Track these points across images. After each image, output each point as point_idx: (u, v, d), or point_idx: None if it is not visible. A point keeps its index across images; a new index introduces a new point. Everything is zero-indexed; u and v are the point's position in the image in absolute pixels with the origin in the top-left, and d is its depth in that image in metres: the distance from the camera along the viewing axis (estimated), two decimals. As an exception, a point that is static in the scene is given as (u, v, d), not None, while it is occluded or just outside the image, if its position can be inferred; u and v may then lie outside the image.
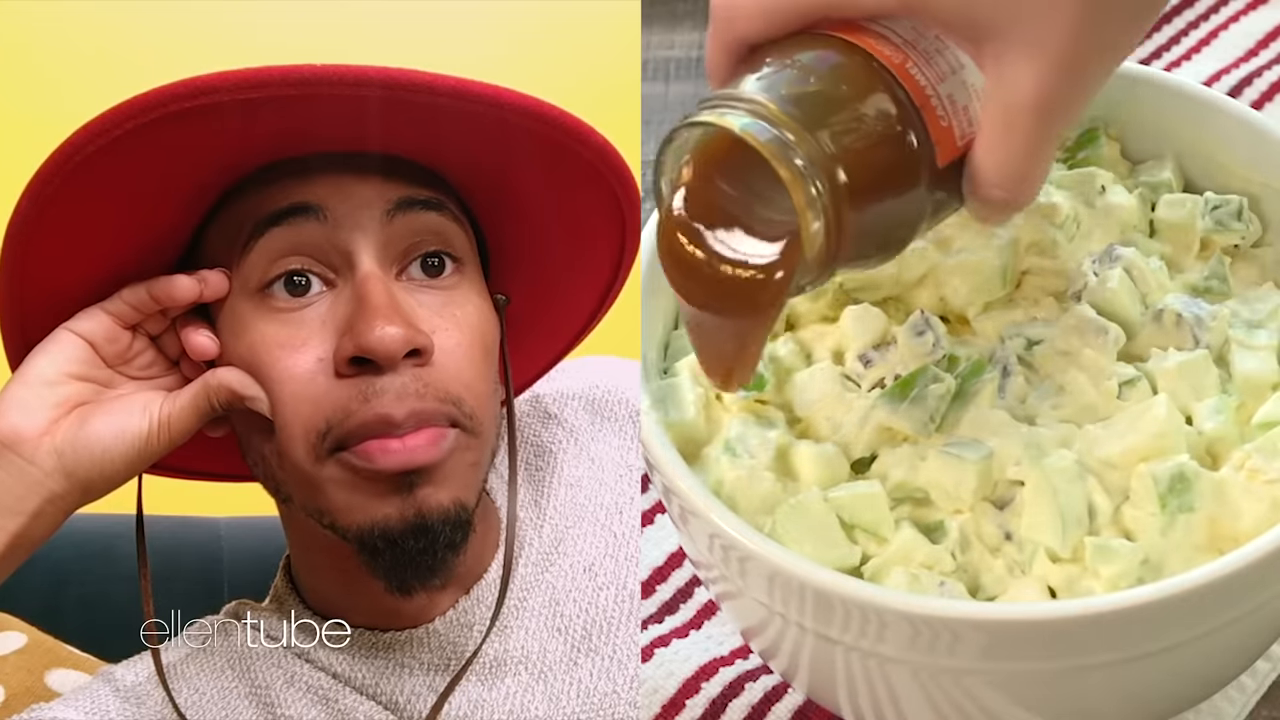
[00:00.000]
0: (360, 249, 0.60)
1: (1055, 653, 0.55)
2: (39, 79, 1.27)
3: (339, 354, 0.59)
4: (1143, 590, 0.53)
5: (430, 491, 0.59)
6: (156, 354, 0.63)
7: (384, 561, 0.60)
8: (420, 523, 0.59)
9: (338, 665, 0.65)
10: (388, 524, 0.59)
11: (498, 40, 1.38)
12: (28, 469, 0.59)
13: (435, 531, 0.59)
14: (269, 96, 0.56)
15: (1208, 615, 0.55)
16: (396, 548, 0.59)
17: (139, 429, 0.60)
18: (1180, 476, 0.57)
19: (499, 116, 0.59)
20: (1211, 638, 0.56)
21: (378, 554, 0.59)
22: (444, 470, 0.60)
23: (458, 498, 0.60)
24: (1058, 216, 0.63)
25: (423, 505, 0.59)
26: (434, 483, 0.59)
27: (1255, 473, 0.57)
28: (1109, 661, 0.55)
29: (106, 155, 0.56)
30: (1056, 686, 0.57)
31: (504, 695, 0.65)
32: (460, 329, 0.61)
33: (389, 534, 0.59)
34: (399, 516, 0.59)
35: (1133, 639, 0.55)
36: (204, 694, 0.66)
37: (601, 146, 0.62)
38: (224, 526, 1.00)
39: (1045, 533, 0.57)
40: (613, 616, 0.67)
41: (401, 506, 0.59)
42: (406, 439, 0.58)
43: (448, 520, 0.60)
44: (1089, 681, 0.56)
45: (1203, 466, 0.58)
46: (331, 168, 0.61)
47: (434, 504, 0.59)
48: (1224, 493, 0.57)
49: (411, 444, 0.58)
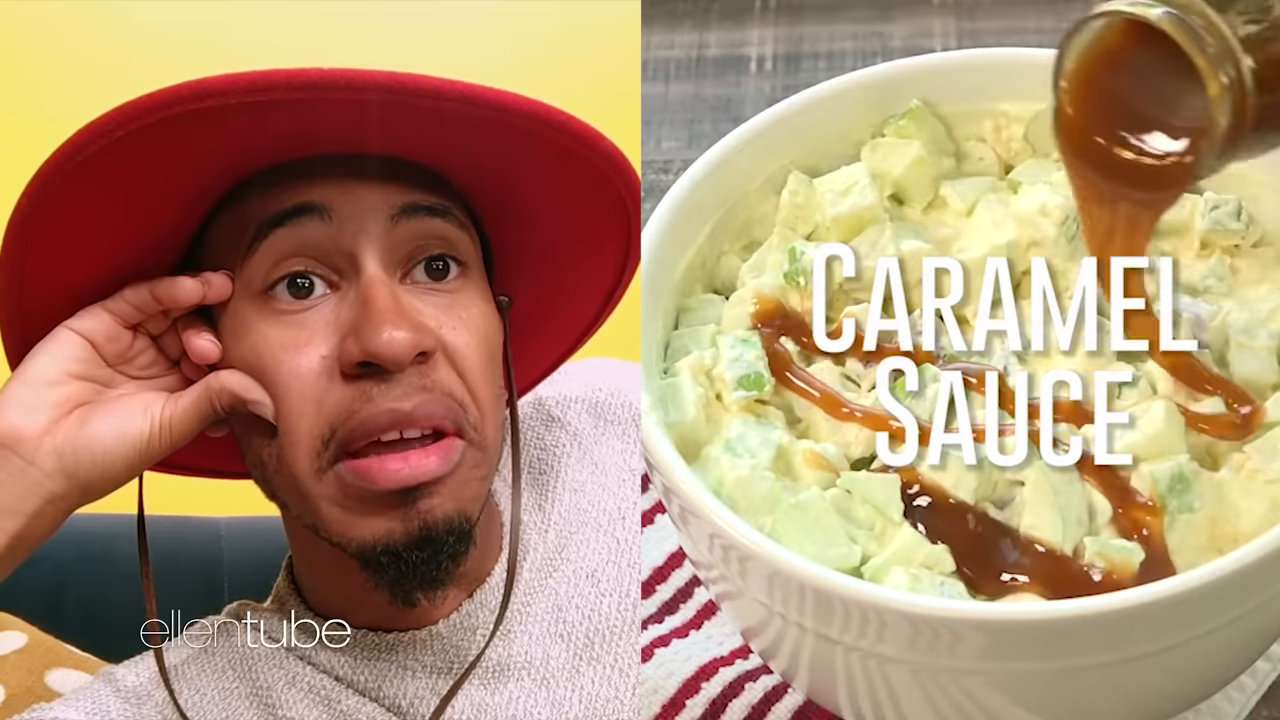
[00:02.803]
0: (365, 252, 0.60)
1: (1055, 653, 0.55)
2: (40, 79, 1.27)
3: (344, 356, 0.59)
4: (1143, 590, 0.54)
5: (433, 503, 0.59)
6: (157, 354, 0.63)
7: (387, 575, 0.59)
8: (425, 534, 0.59)
9: (339, 667, 0.65)
10: (390, 538, 0.59)
11: (497, 41, 1.37)
12: (27, 469, 0.59)
13: (440, 542, 0.59)
14: (274, 100, 0.55)
15: (1208, 615, 0.55)
16: (400, 561, 0.59)
17: (140, 430, 0.60)
18: (1180, 477, 0.57)
19: (504, 121, 0.59)
20: (1212, 637, 0.56)
21: (381, 568, 0.59)
22: (449, 483, 0.60)
23: (462, 509, 0.60)
24: (1055, 215, 0.63)
25: (426, 517, 0.59)
26: (438, 494, 0.59)
27: (1255, 473, 0.58)
28: (1109, 661, 0.55)
29: (109, 155, 0.56)
30: (1056, 686, 0.57)
31: (507, 700, 0.65)
32: (466, 330, 0.61)
33: (392, 548, 0.59)
34: (403, 530, 0.59)
35: (1133, 639, 0.55)
36: (205, 695, 0.66)
37: (609, 151, 0.62)
38: (224, 526, 1.00)
39: (1045, 532, 0.58)
40: (615, 624, 0.67)
41: (404, 520, 0.59)
42: (411, 456, 0.58)
43: (452, 530, 0.59)
44: (1089, 681, 0.57)
45: (1202, 467, 0.58)
46: (336, 170, 0.60)
47: (439, 515, 0.59)
48: (1224, 493, 0.58)
49: (416, 461, 0.58)
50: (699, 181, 0.67)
